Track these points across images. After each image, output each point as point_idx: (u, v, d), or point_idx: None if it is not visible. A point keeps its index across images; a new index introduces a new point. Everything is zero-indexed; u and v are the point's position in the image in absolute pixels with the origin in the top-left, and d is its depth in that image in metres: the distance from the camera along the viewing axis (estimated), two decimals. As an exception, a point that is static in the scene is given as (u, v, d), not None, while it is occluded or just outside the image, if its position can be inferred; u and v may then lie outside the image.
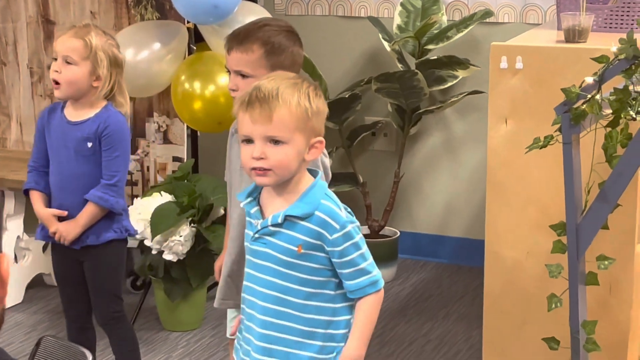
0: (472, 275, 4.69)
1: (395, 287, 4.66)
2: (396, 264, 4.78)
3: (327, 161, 2.84)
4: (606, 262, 2.84)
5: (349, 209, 2.40)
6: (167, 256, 4.00)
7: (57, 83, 3.31)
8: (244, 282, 2.46)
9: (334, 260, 2.36)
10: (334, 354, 2.42)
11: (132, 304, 4.24)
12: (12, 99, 4.92)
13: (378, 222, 4.78)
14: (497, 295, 3.45)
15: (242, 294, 2.46)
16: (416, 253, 4.99)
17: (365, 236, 4.68)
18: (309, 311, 2.39)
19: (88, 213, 3.33)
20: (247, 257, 2.44)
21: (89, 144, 3.31)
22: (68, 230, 3.33)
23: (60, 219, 3.35)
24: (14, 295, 4.49)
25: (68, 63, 3.28)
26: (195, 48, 4.35)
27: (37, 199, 3.39)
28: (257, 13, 4.16)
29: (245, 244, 2.45)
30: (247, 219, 2.46)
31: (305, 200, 2.36)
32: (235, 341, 2.54)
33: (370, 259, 2.41)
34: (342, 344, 2.42)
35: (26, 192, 3.45)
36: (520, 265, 3.39)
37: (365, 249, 2.39)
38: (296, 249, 2.34)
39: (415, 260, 4.98)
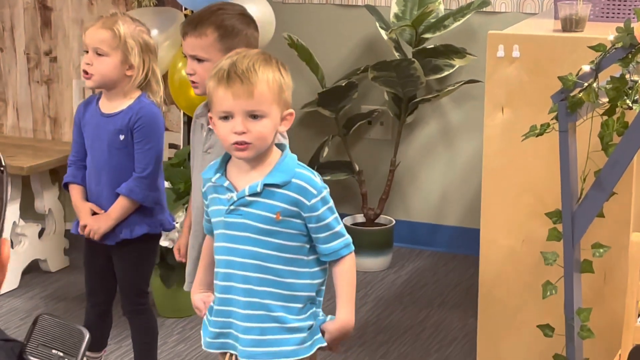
0: (468, 264, 4.71)
1: (391, 276, 4.68)
2: (391, 252, 4.79)
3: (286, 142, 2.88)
4: (601, 250, 2.86)
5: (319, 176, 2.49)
6: (163, 242, 4.00)
7: (86, 73, 3.26)
8: (217, 257, 2.50)
9: (310, 225, 2.44)
10: (316, 319, 2.51)
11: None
12: (8, 85, 4.93)
13: (374, 210, 4.79)
14: (492, 283, 3.46)
15: (216, 269, 2.51)
16: (412, 241, 5.00)
17: (361, 224, 4.76)
18: (288, 276, 2.46)
19: (120, 206, 3.29)
20: (220, 231, 2.48)
21: (121, 137, 3.27)
22: (99, 224, 3.30)
23: (95, 214, 3.32)
24: (10, 280, 4.50)
25: (99, 55, 3.24)
26: (192, 35, 4.34)
27: (75, 192, 3.36)
28: (254, 0, 4.17)
29: (216, 219, 2.49)
30: (214, 195, 2.49)
31: (281, 169, 2.44)
32: (205, 319, 2.58)
33: (342, 223, 2.50)
34: (319, 309, 2.52)
35: (66, 187, 3.41)
36: (516, 253, 3.40)
37: (337, 213, 2.48)
38: (274, 216, 2.42)
39: (410, 248, 4.99)
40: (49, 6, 4.75)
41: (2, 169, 1.42)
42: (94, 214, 3.33)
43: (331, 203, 2.47)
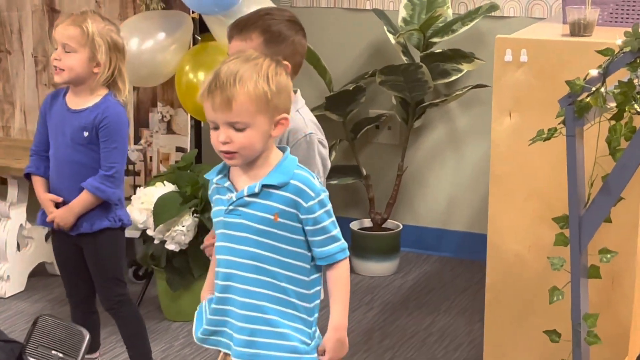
0: (475, 269, 4.69)
1: (398, 280, 4.66)
2: (398, 257, 4.78)
3: (325, 151, 2.86)
4: (608, 256, 2.84)
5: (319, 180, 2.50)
6: (170, 246, 4.00)
7: (57, 69, 3.36)
8: (218, 256, 2.51)
9: (307, 228, 2.44)
10: (312, 329, 2.51)
11: (134, 294, 4.23)
12: (16, 88, 4.93)
13: (381, 215, 4.78)
14: (498, 289, 3.44)
15: (217, 269, 2.52)
16: (419, 246, 4.99)
17: (368, 229, 4.75)
18: (285, 280, 2.46)
19: (82, 201, 3.37)
20: (220, 231, 2.49)
21: (85, 133, 3.35)
22: (62, 217, 3.38)
23: (57, 205, 3.40)
24: (16, 283, 4.50)
25: (67, 51, 3.34)
26: (200, 38, 4.35)
27: (38, 183, 3.45)
28: (262, 4, 4.16)
29: (217, 219, 2.50)
30: (217, 196, 2.51)
31: (280, 170, 2.45)
32: (196, 313, 2.60)
33: (338, 227, 2.49)
34: (317, 315, 2.52)
35: (27, 177, 3.50)
36: (523, 259, 3.39)
37: (334, 217, 2.48)
38: (272, 217, 2.42)
39: (417, 253, 4.98)
40: (56, 9, 4.75)
41: None
42: (56, 204, 3.40)
43: (329, 206, 2.47)
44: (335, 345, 2.49)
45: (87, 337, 1.35)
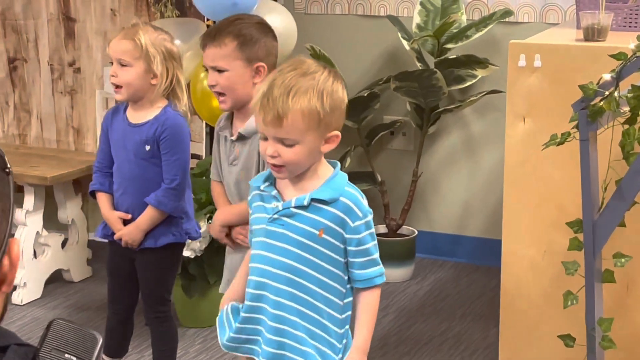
0: (490, 275, 4.69)
1: (413, 286, 4.66)
2: (414, 263, 4.78)
3: None
4: (623, 260, 2.83)
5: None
6: (185, 253, 4.01)
7: (117, 87, 3.30)
8: (252, 264, 2.48)
9: (350, 248, 2.40)
10: (339, 355, 2.46)
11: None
12: (32, 96, 4.96)
13: (396, 221, 4.78)
14: (513, 294, 3.44)
15: (250, 277, 2.48)
16: (434, 252, 4.99)
17: (383, 235, 4.75)
18: (319, 299, 2.42)
19: (148, 217, 3.32)
20: (259, 239, 2.45)
21: (147, 147, 3.30)
22: (130, 235, 3.33)
23: (125, 221, 3.36)
24: (33, 290, 4.52)
25: (123, 65, 3.28)
26: (214, 46, 4.36)
27: (104, 200, 3.40)
28: (277, 11, 4.18)
29: (257, 226, 2.47)
30: (259, 203, 2.48)
31: (330, 185, 2.40)
32: (218, 320, 2.56)
33: (378, 251, 2.46)
34: (346, 341, 2.47)
35: (92, 194, 3.45)
36: (537, 264, 3.39)
37: (376, 240, 2.45)
38: (317, 232, 2.38)
39: (432, 259, 4.98)
40: (72, 17, 4.77)
41: (7, 170, 1.42)
42: (124, 221, 3.36)
43: (373, 229, 2.43)
44: None
45: (100, 340, 1.36)
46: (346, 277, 2.44)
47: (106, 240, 3.44)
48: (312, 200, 2.38)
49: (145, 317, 3.48)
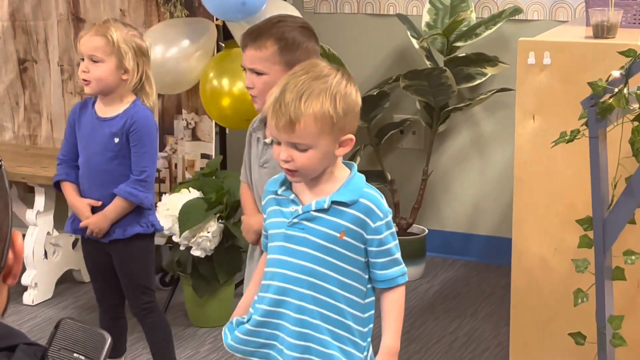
0: (501, 274, 4.68)
1: (424, 285, 4.66)
2: (424, 261, 4.78)
3: None
4: (633, 257, 2.82)
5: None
6: (195, 252, 4.02)
7: (85, 80, 3.37)
8: (270, 269, 2.45)
9: (371, 249, 2.39)
10: (364, 353, 2.45)
11: (160, 300, 4.26)
12: (42, 97, 4.96)
13: (406, 219, 4.78)
14: (524, 292, 3.44)
15: (269, 281, 2.44)
16: (444, 251, 4.99)
17: (393, 234, 4.74)
18: (342, 301, 2.40)
19: (116, 207, 3.38)
20: (277, 243, 2.43)
21: (116, 140, 3.36)
22: (97, 224, 3.39)
23: (93, 210, 3.41)
24: (44, 291, 4.53)
25: (94, 62, 3.34)
26: (223, 45, 4.37)
27: (70, 190, 3.45)
28: (286, 10, 4.17)
29: (274, 231, 2.45)
30: (275, 207, 2.45)
31: (349, 187, 2.39)
32: (234, 322, 2.54)
33: (399, 251, 2.45)
34: (369, 340, 2.46)
35: (56, 185, 3.51)
36: (547, 262, 3.38)
37: (397, 240, 2.44)
38: (338, 235, 2.37)
39: (443, 258, 4.97)
40: (82, 18, 4.78)
41: (0, 164, 1.44)
42: (93, 208, 3.41)
43: (394, 229, 2.42)
44: None
45: (109, 340, 1.36)
46: (366, 276, 2.43)
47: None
48: (333, 202, 2.37)
49: (132, 310, 3.51)
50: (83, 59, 3.38)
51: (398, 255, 2.42)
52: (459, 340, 4.09)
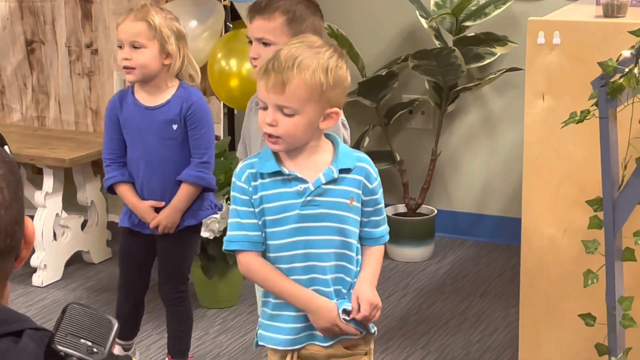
0: (510, 254, 4.67)
1: (433, 266, 4.65)
2: (433, 242, 4.77)
3: (347, 133, 2.85)
4: (643, 238, 2.81)
5: None
6: (204, 234, 4.01)
7: (127, 68, 3.27)
8: (291, 252, 2.42)
9: (367, 209, 2.46)
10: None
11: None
12: (50, 78, 4.96)
13: (415, 200, 4.77)
14: (533, 273, 3.43)
15: (292, 265, 2.43)
16: (454, 231, 4.98)
17: (403, 214, 4.74)
18: (352, 262, 2.47)
19: (184, 195, 3.32)
20: (291, 226, 2.40)
21: (174, 126, 3.29)
22: (169, 218, 3.33)
23: (157, 209, 3.35)
24: (53, 272, 4.53)
25: (136, 47, 3.26)
26: (231, 26, 4.36)
27: (129, 191, 3.36)
28: (293, -10, 4.15)
29: (285, 214, 2.41)
30: (279, 190, 2.41)
31: (344, 154, 2.44)
32: (269, 317, 2.51)
33: None
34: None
35: (110, 189, 3.41)
36: (557, 243, 3.37)
37: None
38: (348, 201, 2.42)
39: (452, 238, 4.96)
40: (89, -1, 4.77)
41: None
42: (155, 209, 3.34)
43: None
44: (374, 296, 2.46)
45: (116, 325, 1.35)
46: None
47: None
48: (339, 171, 2.41)
49: (164, 297, 3.48)
50: (120, 47, 3.29)
51: (385, 213, 2.53)
52: (469, 321, 4.08)
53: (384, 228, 2.52)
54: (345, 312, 2.43)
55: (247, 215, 2.42)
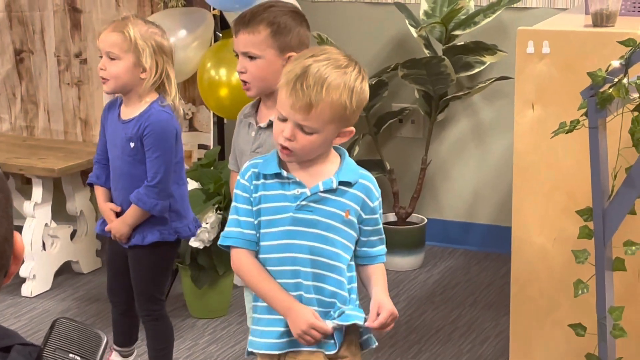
0: (500, 263, 4.67)
1: (423, 275, 4.65)
2: (423, 251, 4.77)
3: None
4: (633, 248, 2.81)
5: None
6: (194, 243, 4.00)
7: (104, 78, 3.30)
8: (279, 255, 2.44)
9: (366, 228, 2.47)
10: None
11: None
12: (39, 88, 4.94)
13: (405, 209, 4.77)
14: (524, 282, 3.42)
15: (279, 268, 2.45)
16: (444, 240, 4.97)
17: (393, 223, 4.74)
18: (344, 275, 2.47)
19: (132, 213, 3.33)
20: (283, 227, 2.43)
21: (132, 144, 3.30)
22: (117, 229, 3.35)
23: (117, 214, 3.38)
24: (42, 282, 4.52)
25: (112, 59, 3.27)
26: (221, 35, 4.35)
27: (99, 193, 3.43)
28: (283, -1, 4.15)
29: (279, 216, 2.44)
30: (278, 191, 2.44)
31: (349, 168, 2.46)
32: (255, 323, 2.53)
33: None
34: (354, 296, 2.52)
35: (91, 186, 3.51)
36: (547, 252, 3.37)
37: None
38: (344, 214, 2.42)
39: (442, 247, 4.96)
40: (78, 8, 4.76)
41: None
42: (117, 214, 3.39)
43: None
44: (394, 308, 2.45)
45: (105, 340, 1.35)
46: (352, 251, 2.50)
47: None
48: (339, 183, 2.42)
49: (139, 313, 3.49)
50: (101, 57, 3.30)
51: (383, 234, 2.53)
52: (459, 330, 4.08)
53: (381, 248, 2.53)
54: (340, 326, 2.44)
55: (245, 213, 2.47)
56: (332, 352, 2.45)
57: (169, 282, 3.55)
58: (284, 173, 2.44)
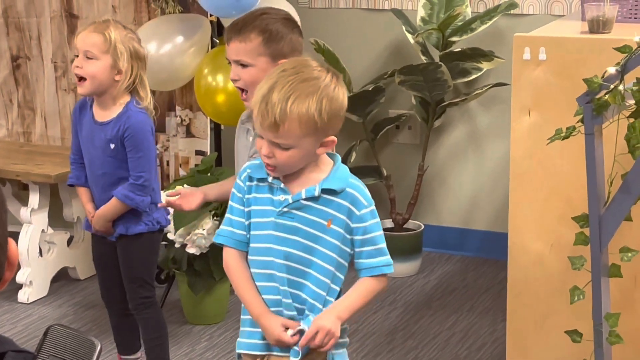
0: (497, 269, 4.67)
1: (420, 281, 4.65)
2: (420, 257, 4.76)
3: None
4: (629, 254, 2.81)
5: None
6: (191, 250, 4.00)
7: (80, 79, 3.36)
8: (258, 257, 2.46)
9: (356, 237, 2.43)
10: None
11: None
12: (36, 94, 4.94)
13: (402, 215, 4.76)
14: (520, 288, 3.42)
15: (260, 269, 2.47)
16: (441, 246, 4.97)
17: (390, 229, 4.74)
18: (323, 287, 2.44)
19: (111, 207, 3.42)
20: (267, 232, 2.45)
21: (112, 145, 3.38)
22: (97, 224, 3.45)
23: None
24: (39, 288, 4.51)
25: (89, 58, 3.34)
26: (218, 41, 4.35)
27: (82, 193, 3.53)
28: (280, 5, 4.15)
29: (264, 219, 2.45)
30: (266, 195, 2.46)
31: (337, 176, 2.43)
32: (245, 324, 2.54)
33: (385, 242, 2.48)
34: None
35: (72, 185, 3.60)
36: (544, 258, 3.37)
37: (382, 231, 2.47)
38: (326, 223, 2.41)
39: (439, 253, 4.96)
40: (75, 14, 4.76)
41: None
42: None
43: (379, 220, 2.46)
44: (332, 324, 2.41)
45: (99, 347, 1.34)
46: (347, 265, 2.47)
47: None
48: (322, 190, 2.41)
49: (130, 304, 3.53)
50: (77, 55, 3.37)
51: (383, 245, 2.46)
52: (456, 336, 4.07)
53: (380, 259, 2.46)
54: (301, 332, 2.44)
55: (238, 213, 2.49)
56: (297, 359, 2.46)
57: (156, 267, 3.63)
58: (269, 178, 2.45)
